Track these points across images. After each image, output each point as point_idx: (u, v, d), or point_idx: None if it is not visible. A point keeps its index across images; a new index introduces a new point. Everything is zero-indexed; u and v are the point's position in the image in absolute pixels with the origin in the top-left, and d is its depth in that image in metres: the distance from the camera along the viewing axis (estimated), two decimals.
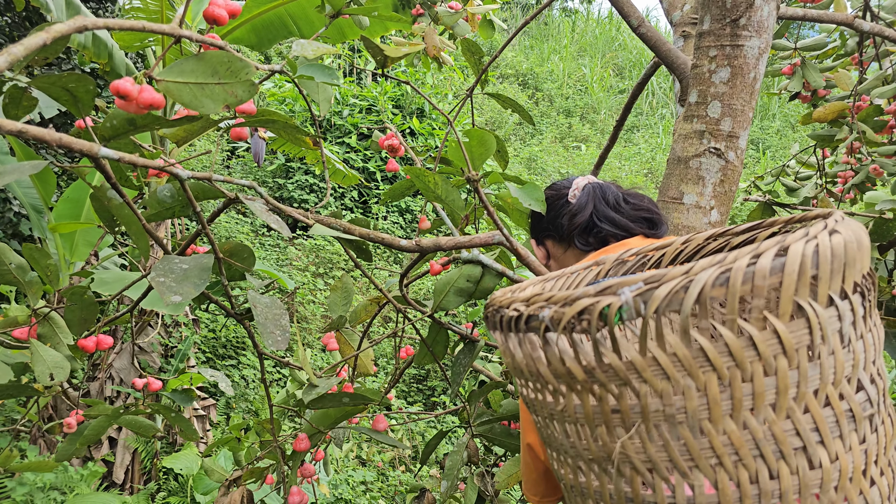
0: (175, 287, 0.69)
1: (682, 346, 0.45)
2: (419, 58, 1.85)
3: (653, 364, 0.47)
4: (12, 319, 1.04)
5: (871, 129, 1.92)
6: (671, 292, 0.44)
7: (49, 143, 0.57)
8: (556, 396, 0.54)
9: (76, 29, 0.56)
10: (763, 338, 0.45)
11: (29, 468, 1.36)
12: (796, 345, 0.45)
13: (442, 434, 1.49)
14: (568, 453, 0.57)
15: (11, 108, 0.76)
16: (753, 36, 1.21)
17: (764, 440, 0.46)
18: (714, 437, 0.47)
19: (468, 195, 1.29)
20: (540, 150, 8.86)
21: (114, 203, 0.78)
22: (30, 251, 0.98)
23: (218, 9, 0.69)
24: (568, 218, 1.04)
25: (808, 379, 0.46)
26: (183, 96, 0.57)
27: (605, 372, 0.49)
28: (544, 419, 0.58)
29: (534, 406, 0.59)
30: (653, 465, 0.49)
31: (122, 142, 0.71)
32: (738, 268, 0.43)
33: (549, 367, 0.52)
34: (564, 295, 0.48)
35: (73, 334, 1.03)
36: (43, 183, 3.30)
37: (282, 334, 0.79)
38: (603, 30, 13.06)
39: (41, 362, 0.96)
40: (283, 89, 7.16)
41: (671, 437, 0.48)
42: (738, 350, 0.45)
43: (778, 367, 0.45)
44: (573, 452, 0.56)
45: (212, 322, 5.09)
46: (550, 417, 0.56)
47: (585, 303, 0.47)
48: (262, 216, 0.73)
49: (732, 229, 0.69)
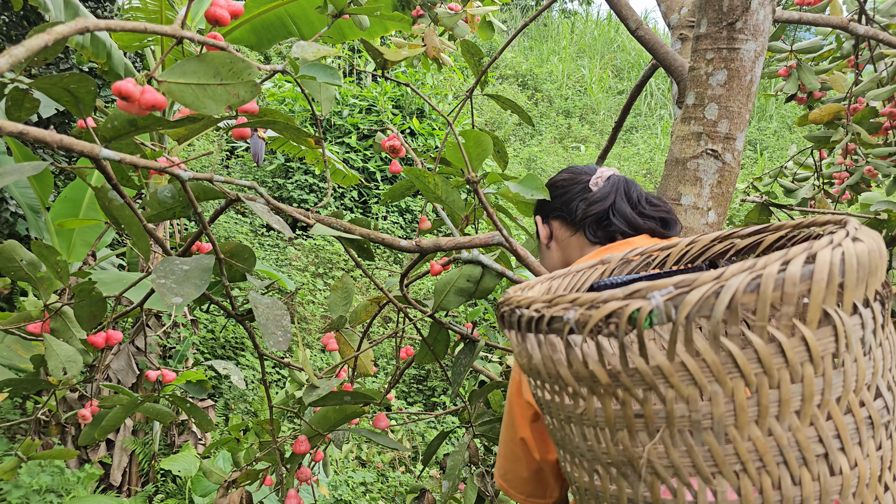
0: (176, 288, 0.69)
1: (711, 351, 0.45)
2: (419, 58, 1.86)
3: (681, 369, 0.46)
4: (26, 314, 1.07)
5: (867, 131, 1.93)
6: (703, 298, 0.43)
7: (50, 144, 0.58)
8: (576, 399, 0.54)
9: (78, 30, 0.56)
10: (791, 345, 0.45)
11: (52, 456, 1.38)
12: (822, 352, 0.46)
13: (443, 435, 1.50)
14: (584, 456, 0.56)
15: (14, 111, 0.76)
16: (750, 39, 1.22)
17: (788, 447, 0.47)
18: (739, 443, 0.47)
19: (468, 195, 1.30)
20: (539, 151, 8.88)
21: (114, 204, 0.79)
22: (38, 248, 0.99)
23: (220, 9, 0.69)
24: (585, 204, 1.02)
25: (833, 386, 0.47)
26: (185, 97, 0.58)
27: (630, 376, 0.48)
28: (560, 421, 0.57)
29: (549, 408, 0.59)
30: (675, 470, 0.49)
31: (123, 142, 0.72)
32: (769, 274, 0.43)
33: (570, 369, 0.52)
34: (591, 297, 0.48)
35: (83, 330, 1.04)
36: (40, 183, 3.29)
37: (283, 335, 0.79)
38: (602, 31, 13.08)
39: (54, 356, 0.97)
40: (283, 89, 7.17)
41: (695, 443, 0.48)
42: (767, 357, 0.45)
43: (804, 375, 0.46)
44: (590, 456, 0.55)
45: (210, 323, 5.09)
46: (567, 420, 0.56)
47: (614, 306, 0.46)
48: (264, 216, 0.73)
49: (738, 232, 0.69)
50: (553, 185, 1.10)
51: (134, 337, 3.38)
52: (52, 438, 3.23)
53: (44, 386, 1.13)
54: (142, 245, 0.77)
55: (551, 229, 1.09)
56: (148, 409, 1.23)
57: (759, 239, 0.68)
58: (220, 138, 1.03)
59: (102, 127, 0.65)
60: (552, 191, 1.08)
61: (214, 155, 0.87)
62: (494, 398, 1.71)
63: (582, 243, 1.03)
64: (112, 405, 1.20)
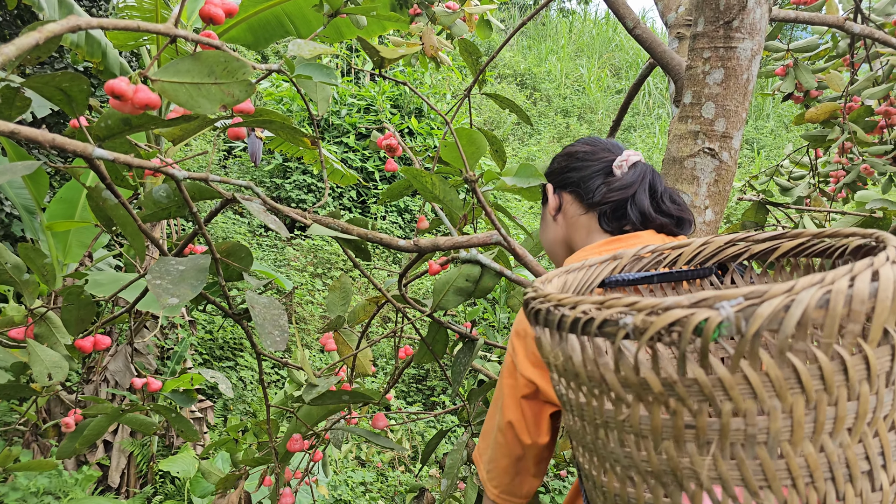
0: (172, 289, 0.69)
1: (775, 366, 0.45)
2: (417, 57, 1.85)
3: (742, 382, 0.46)
4: (9, 319, 1.04)
5: (862, 130, 1.93)
6: (774, 311, 0.43)
7: (43, 144, 0.57)
8: (619, 405, 0.52)
9: (70, 28, 0.56)
10: (853, 363, 0.45)
11: (28, 468, 1.35)
12: (879, 371, 0.46)
13: (442, 433, 1.49)
14: (619, 462, 0.55)
15: (5, 109, 0.76)
16: (746, 38, 1.22)
17: (837, 463, 0.47)
18: (791, 458, 0.47)
19: (466, 195, 1.29)
20: (538, 150, 8.88)
21: (109, 204, 0.78)
22: (25, 251, 0.97)
23: (214, 7, 0.69)
24: (606, 188, 0.95)
25: (884, 404, 0.47)
26: (179, 96, 0.58)
27: (687, 387, 0.47)
28: (592, 425, 0.56)
29: (579, 410, 0.57)
30: (722, 483, 0.49)
31: (117, 141, 0.71)
32: (839, 290, 0.43)
33: (617, 374, 0.50)
34: (651, 303, 0.46)
35: (70, 334, 1.02)
36: (35, 183, 3.28)
37: (280, 335, 0.79)
38: (600, 30, 13.09)
39: (39, 362, 0.95)
40: (280, 89, 7.16)
41: (746, 456, 0.47)
42: (830, 374, 0.45)
43: (861, 393, 0.46)
44: (626, 462, 0.54)
45: (209, 323, 5.08)
46: (604, 425, 0.55)
47: (678, 314, 0.44)
48: (260, 216, 0.73)
49: (753, 236, 0.69)
50: (572, 154, 1.02)
51: (132, 338, 3.37)
52: (50, 441, 3.22)
53: (26, 392, 1.10)
54: (137, 245, 0.77)
55: (561, 201, 1.02)
56: (130, 419, 1.20)
57: (775, 245, 0.67)
58: (218, 138, 1.03)
59: (96, 126, 0.65)
60: (569, 160, 1.01)
61: (211, 154, 0.87)
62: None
63: (591, 227, 0.98)
64: (95, 414, 1.17)
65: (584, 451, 0.60)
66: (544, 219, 1.08)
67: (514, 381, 0.90)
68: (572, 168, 1.00)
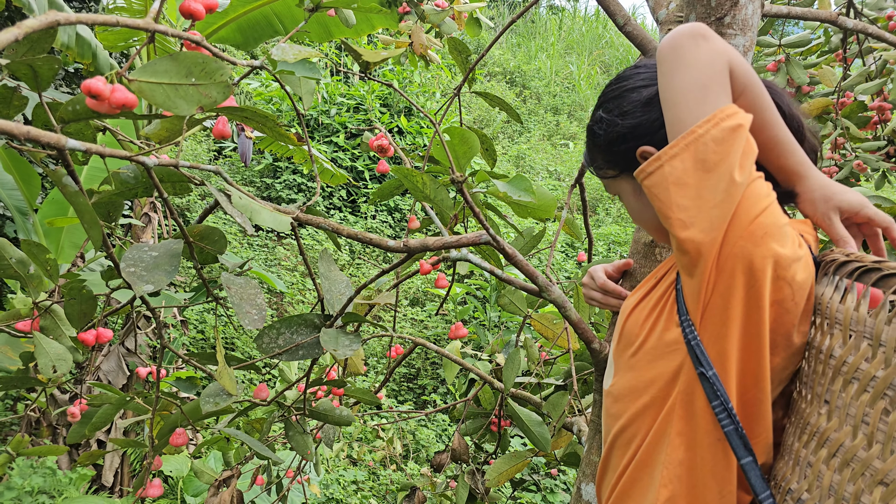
0: (146, 276, 0.68)
1: None
2: (406, 56, 1.84)
3: None
4: (15, 312, 1.07)
5: (855, 125, 1.94)
6: None
7: (17, 136, 0.56)
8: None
9: (48, 24, 0.55)
10: None
11: (39, 453, 1.38)
12: None
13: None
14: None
15: (2, 108, 0.75)
16: (738, 34, 1.21)
17: None
18: None
19: (457, 194, 1.28)
20: (528, 148, 8.88)
21: (69, 190, 0.76)
22: (28, 246, 0.98)
23: (194, 3, 0.67)
24: None
25: None
26: (156, 97, 0.56)
27: None
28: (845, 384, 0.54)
29: (838, 366, 0.56)
30: None
31: (82, 124, 0.69)
32: None
33: None
34: None
35: (73, 328, 1.04)
36: (27, 185, 3.26)
37: (258, 313, 0.79)
38: (590, 27, 13.10)
39: (44, 354, 0.97)
40: (270, 88, 7.11)
41: None
42: None
43: None
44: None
45: (200, 323, 5.05)
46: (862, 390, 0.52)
47: None
48: (227, 208, 0.71)
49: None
50: None
51: (124, 338, 3.35)
52: (44, 440, 3.21)
53: (33, 383, 1.14)
54: (94, 235, 0.75)
55: (619, 188, 0.89)
56: (137, 406, 1.23)
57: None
58: (207, 139, 1.01)
59: (62, 109, 0.63)
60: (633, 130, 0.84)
61: (182, 140, 0.85)
62: (485, 396, 1.70)
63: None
64: (101, 403, 1.20)
65: (817, 444, 0.57)
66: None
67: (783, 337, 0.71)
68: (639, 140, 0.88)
